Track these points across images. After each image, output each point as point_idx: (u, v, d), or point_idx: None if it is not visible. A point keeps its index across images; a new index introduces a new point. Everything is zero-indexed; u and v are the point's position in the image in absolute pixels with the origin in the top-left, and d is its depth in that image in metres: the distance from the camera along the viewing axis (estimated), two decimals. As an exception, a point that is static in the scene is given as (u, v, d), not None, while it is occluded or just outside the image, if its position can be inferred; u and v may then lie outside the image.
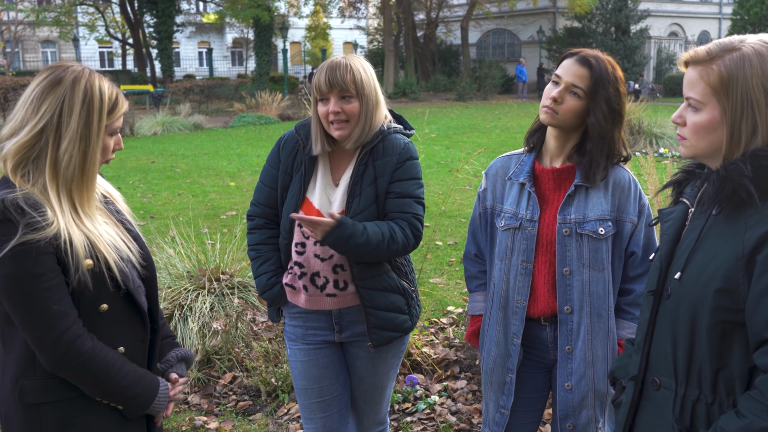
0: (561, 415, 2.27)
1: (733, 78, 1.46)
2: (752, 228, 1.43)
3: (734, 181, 1.46)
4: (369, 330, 2.36)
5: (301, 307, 2.42)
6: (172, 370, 1.99)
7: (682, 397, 1.55)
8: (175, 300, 4.19)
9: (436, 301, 5.16)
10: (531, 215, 2.24)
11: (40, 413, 1.73)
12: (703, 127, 1.52)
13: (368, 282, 2.33)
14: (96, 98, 1.72)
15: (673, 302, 1.57)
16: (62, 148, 1.69)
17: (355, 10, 41.36)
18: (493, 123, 18.88)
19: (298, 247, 2.36)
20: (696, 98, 1.52)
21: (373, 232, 2.22)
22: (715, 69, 1.49)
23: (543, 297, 2.24)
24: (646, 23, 33.26)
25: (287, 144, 2.42)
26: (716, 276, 1.46)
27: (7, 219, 1.62)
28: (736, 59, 1.47)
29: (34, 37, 39.89)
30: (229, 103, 26.17)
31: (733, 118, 1.48)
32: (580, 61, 2.15)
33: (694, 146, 1.55)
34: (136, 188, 10.14)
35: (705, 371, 1.50)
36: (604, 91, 2.12)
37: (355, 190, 2.31)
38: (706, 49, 1.53)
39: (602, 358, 2.22)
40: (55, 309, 1.66)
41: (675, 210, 1.69)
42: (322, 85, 2.26)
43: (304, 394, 2.48)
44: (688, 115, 1.55)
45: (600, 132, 2.15)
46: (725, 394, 1.49)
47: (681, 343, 1.54)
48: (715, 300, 1.46)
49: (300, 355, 2.46)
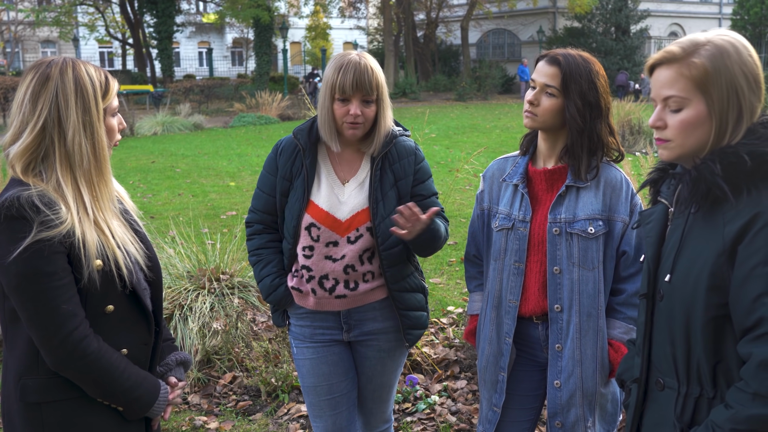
0: (550, 413, 2.29)
1: (717, 69, 1.47)
2: (730, 222, 1.45)
3: (707, 180, 1.47)
4: (404, 331, 2.44)
5: (308, 308, 2.42)
6: (171, 373, 1.99)
7: (685, 395, 1.56)
8: (175, 300, 4.19)
9: (436, 301, 5.17)
10: (523, 216, 2.26)
11: (42, 412, 1.73)
12: (691, 124, 1.50)
13: (400, 284, 2.39)
14: (87, 84, 1.72)
15: (666, 304, 1.58)
16: (69, 141, 1.69)
17: (355, 10, 41.38)
18: (493, 123, 18.88)
19: (305, 250, 2.35)
20: (679, 95, 1.50)
21: (438, 223, 2.33)
22: (697, 62, 1.48)
23: (534, 296, 2.26)
24: (646, 23, 33.29)
25: (285, 150, 2.41)
26: (703, 275, 1.48)
27: (22, 216, 1.62)
28: (714, 51, 1.48)
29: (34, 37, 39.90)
30: (229, 103, 26.19)
31: (720, 109, 1.48)
32: (549, 61, 2.19)
33: (680, 146, 1.54)
34: (136, 188, 10.14)
35: (703, 368, 1.51)
36: (576, 85, 2.15)
37: (378, 195, 2.33)
38: (679, 47, 1.52)
39: (591, 357, 2.24)
40: (64, 308, 1.66)
41: (654, 211, 1.70)
42: (347, 87, 2.23)
43: (313, 391, 2.48)
44: (668, 117, 1.53)
45: (577, 126, 2.17)
46: (725, 386, 1.50)
47: (678, 343, 1.55)
48: (706, 298, 1.47)
49: (308, 353, 2.46)
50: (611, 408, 2.33)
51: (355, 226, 2.32)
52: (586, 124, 2.17)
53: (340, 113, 2.28)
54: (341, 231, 2.32)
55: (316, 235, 2.33)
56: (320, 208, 2.33)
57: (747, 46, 1.52)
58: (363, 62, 2.26)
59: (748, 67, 1.50)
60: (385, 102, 2.33)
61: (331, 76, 2.27)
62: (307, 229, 2.34)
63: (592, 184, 2.22)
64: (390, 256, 2.34)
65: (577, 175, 2.21)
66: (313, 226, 2.33)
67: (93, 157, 1.73)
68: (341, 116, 2.28)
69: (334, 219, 2.32)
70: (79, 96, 1.70)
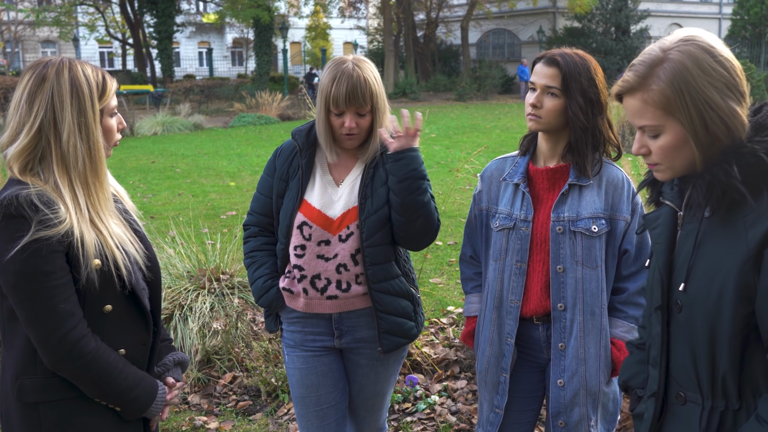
0: (553, 413, 2.28)
1: (678, 91, 1.40)
2: (753, 226, 1.38)
3: (722, 183, 1.40)
4: (380, 335, 2.35)
5: (299, 312, 2.40)
6: (169, 374, 1.99)
7: (710, 409, 1.49)
8: (175, 300, 4.18)
9: (436, 301, 5.16)
10: (525, 215, 2.26)
11: (39, 412, 1.72)
12: (672, 148, 1.45)
13: (381, 285, 2.33)
14: (83, 85, 1.71)
15: (686, 316, 1.49)
16: (64, 142, 1.69)
17: (355, 10, 41.38)
18: (493, 123, 18.88)
19: (297, 249, 2.34)
20: (651, 124, 1.45)
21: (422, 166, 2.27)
22: (655, 89, 1.42)
23: (536, 296, 2.26)
24: (646, 23, 33.27)
25: (284, 152, 2.42)
26: (728, 285, 1.39)
27: (21, 215, 1.62)
28: (672, 71, 1.40)
29: (34, 37, 39.91)
30: (229, 103, 26.17)
31: (694, 128, 1.41)
32: (547, 62, 2.20)
33: (671, 168, 1.48)
34: (136, 188, 10.14)
35: (729, 381, 1.45)
36: (577, 84, 2.16)
37: (367, 191, 2.31)
38: (634, 74, 1.45)
39: (594, 355, 2.23)
40: (62, 308, 1.66)
41: (660, 215, 1.62)
42: (340, 102, 2.22)
43: (302, 402, 2.45)
44: (650, 143, 1.48)
45: (581, 124, 2.18)
46: (751, 396, 1.44)
47: (701, 356, 1.47)
48: (733, 310, 1.39)
49: (298, 363, 2.44)
50: (612, 407, 2.32)
51: (346, 223, 2.31)
52: (589, 121, 2.18)
53: (335, 125, 2.29)
54: (333, 229, 2.31)
55: (308, 234, 2.32)
56: (313, 206, 2.33)
57: (711, 50, 1.42)
58: (356, 73, 2.23)
59: (715, 75, 1.40)
60: (381, 110, 2.30)
61: (326, 86, 2.26)
62: (299, 228, 2.32)
63: (594, 182, 2.22)
64: (373, 254, 2.30)
65: (582, 173, 2.21)
66: (305, 225, 2.32)
67: (88, 158, 1.72)
68: (337, 127, 2.29)
69: (326, 217, 2.31)
70: (75, 97, 1.70)
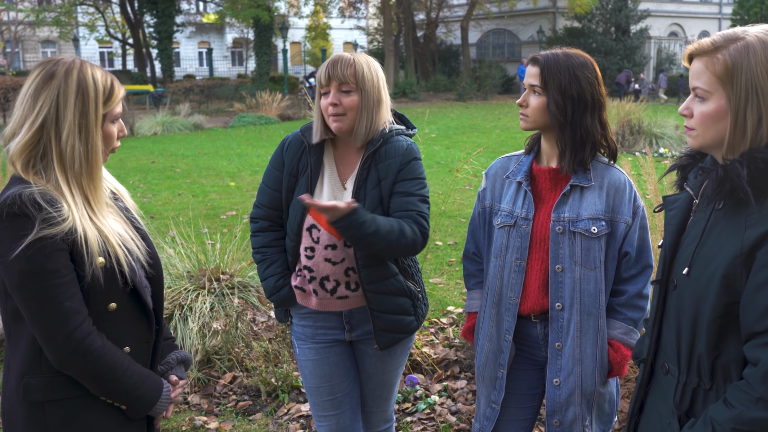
0: (549, 411, 2.30)
1: (738, 66, 1.49)
2: (752, 227, 1.46)
3: (732, 181, 1.49)
4: (375, 333, 2.38)
5: (311, 308, 2.42)
6: (172, 372, 2.00)
7: (683, 384, 1.61)
8: (175, 300, 4.19)
9: (436, 301, 5.17)
10: (526, 213, 2.27)
11: (45, 411, 1.73)
12: (710, 116, 1.53)
13: (375, 286, 2.33)
14: (90, 88, 1.72)
15: (678, 294, 1.61)
16: (63, 141, 1.69)
17: (355, 10, 41.36)
18: (493, 123, 18.88)
19: (307, 251, 2.36)
20: (703, 88, 1.54)
21: (383, 223, 2.20)
22: (720, 58, 1.51)
23: (534, 294, 2.27)
24: (646, 23, 33.29)
25: (291, 146, 2.42)
26: (718, 273, 1.50)
27: (24, 214, 1.62)
28: (740, 48, 1.49)
29: (34, 37, 39.90)
30: (229, 103, 26.18)
31: (737, 106, 1.49)
32: (531, 62, 2.25)
33: (702, 136, 1.57)
34: (136, 188, 10.14)
35: (703, 361, 1.56)
36: (554, 80, 2.17)
37: (360, 194, 2.32)
38: (710, 40, 1.55)
39: (591, 356, 2.24)
40: (67, 306, 1.66)
41: (679, 198, 1.72)
42: (322, 78, 2.30)
43: (316, 392, 2.49)
44: (695, 106, 1.57)
45: (558, 121, 2.18)
46: (722, 380, 1.55)
47: (684, 333, 1.59)
48: (716, 296, 1.50)
49: (310, 354, 2.47)
50: (608, 408, 2.34)
51: None
52: (567, 118, 2.17)
53: (323, 105, 2.31)
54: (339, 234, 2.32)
55: (316, 237, 2.33)
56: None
57: None
58: (346, 56, 2.30)
59: None
60: (372, 96, 2.30)
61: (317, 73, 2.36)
62: (309, 230, 2.34)
63: (596, 184, 2.23)
64: (365, 257, 2.30)
65: (569, 168, 2.21)
66: (314, 228, 2.33)
67: (85, 160, 1.72)
68: (324, 109, 2.31)
69: None
70: (79, 98, 1.70)
